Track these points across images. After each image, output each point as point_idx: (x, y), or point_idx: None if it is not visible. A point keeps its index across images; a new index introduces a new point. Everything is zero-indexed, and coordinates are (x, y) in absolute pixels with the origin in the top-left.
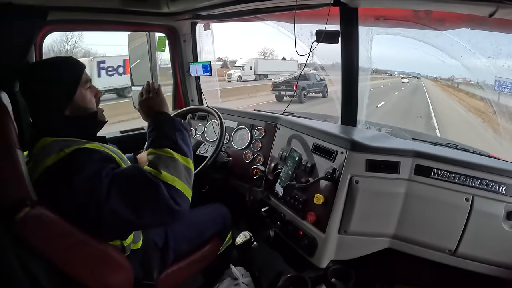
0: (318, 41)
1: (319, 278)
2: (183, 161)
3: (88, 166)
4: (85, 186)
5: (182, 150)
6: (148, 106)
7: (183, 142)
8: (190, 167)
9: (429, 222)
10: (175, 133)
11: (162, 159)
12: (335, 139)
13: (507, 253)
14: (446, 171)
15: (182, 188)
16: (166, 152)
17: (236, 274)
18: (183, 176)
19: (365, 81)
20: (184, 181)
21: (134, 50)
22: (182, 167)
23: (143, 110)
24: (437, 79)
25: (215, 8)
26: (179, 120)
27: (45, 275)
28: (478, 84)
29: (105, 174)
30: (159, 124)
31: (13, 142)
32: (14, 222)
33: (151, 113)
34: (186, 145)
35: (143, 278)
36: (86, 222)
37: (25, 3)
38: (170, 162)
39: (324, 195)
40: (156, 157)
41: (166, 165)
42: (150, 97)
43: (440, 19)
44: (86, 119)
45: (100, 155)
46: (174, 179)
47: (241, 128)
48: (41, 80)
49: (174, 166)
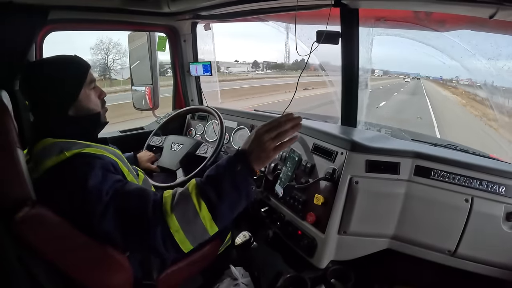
0: (318, 41)
1: (318, 279)
2: (206, 223)
3: (89, 175)
4: (83, 196)
5: (218, 214)
6: (253, 143)
7: (228, 207)
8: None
9: (429, 223)
10: (232, 195)
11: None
12: (335, 140)
13: (506, 254)
14: (446, 172)
15: (181, 241)
16: (199, 203)
17: (236, 274)
18: (192, 233)
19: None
20: (189, 237)
21: (134, 50)
22: (199, 226)
23: (248, 138)
24: (443, 82)
25: (215, 8)
26: (251, 184)
27: (45, 275)
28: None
29: (105, 191)
30: (229, 169)
31: (14, 141)
32: (14, 222)
33: (243, 149)
34: (229, 211)
35: (143, 278)
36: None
37: (26, 2)
38: (191, 214)
39: (324, 196)
40: (186, 199)
41: (184, 213)
42: (265, 141)
43: (441, 21)
44: (88, 120)
45: (101, 162)
46: (178, 230)
47: (241, 128)
48: (45, 79)
49: (191, 221)
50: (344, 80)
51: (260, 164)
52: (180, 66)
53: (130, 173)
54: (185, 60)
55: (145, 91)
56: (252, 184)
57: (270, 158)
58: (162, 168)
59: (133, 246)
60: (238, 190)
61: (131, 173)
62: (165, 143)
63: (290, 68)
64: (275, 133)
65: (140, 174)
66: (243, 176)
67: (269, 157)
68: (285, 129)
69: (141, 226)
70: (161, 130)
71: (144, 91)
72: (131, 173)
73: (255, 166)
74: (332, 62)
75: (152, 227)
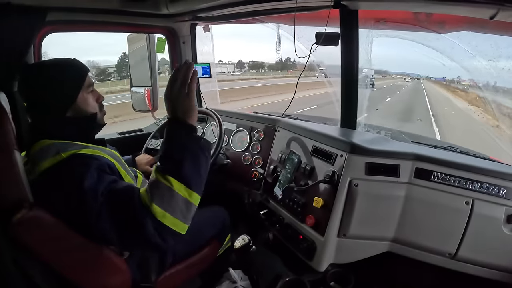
0: (318, 43)
1: (318, 282)
2: (184, 193)
3: (85, 175)
4: (79, 197)
5: (186, 179)
6: (173, 105)
7: (193, 168)
8: (192, 201)
9: (429, 225)
10: (187, 156)
11: (159, 189)
12: (335, 142)
13: (507, 256)
14: (446, 175)
15: (172, 224)
16: (167, 180)
17: (235, 277)
18: (178, 211)
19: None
20: (177, 216)
21: (133, 52)
22: (180, 200)
23: (168, 105)
24: (445, 83)
25: (214, 9)
26: (198, 138)
27: (42, 278)
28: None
29: (100, 192)
30: (173, 137)
31: (11, 143)
32: (11, 224)
33: (172, 116)
34: (195, 171)
35: (141, 281)
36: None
37: (24, 3)
38: (166, 193)
39: (323, 198)
40: (155, 184)
41: (161, 196)
42: (179, 93)
43: (441, 22)
44: (86, 121)
45: (97, 163)
46: (165, 215)
47: (240, 131)
48: (44, 81)
49: (170, 199)
50: (344, 82)
51: (191, 114)
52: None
53: (128, 174)
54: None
55: (144, 93)
56: (199, 137)
57: (192, 102)
58: None
59: (130, 244)
60: (189, 148)
61: (129, 174)
62: None
63: (274, 68)
64: (177, 84)
65: (139, 176)
66: (186, 134)
67: (191, 104)
68: (183, 76)
69: (133, 222)
70: (159, 133)
71: (144, 92)
72: (129, 174)
73: (188, 119)
74: (326, 62)
75: (142, 219)
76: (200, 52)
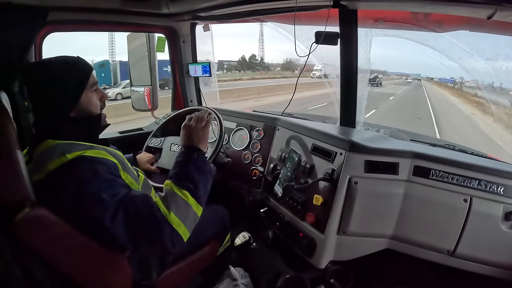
0: (317, 42)
1: (318, 279)
2: (195, 208)
3: (93, 181)
4: (89, 202)
5: (199, 197)
6: (188, 134)
7: (203, 188)
8: (199, 215)
9: (428, 223)
10: (200, 178)
11: (176, 200)
12: (334, 140)
13: (505, 253)
14: (445, 172)
15: (183, 233)
16: (184, 194)
17: (235, 275)
18: (189, 222)
19: (364, 82)
20: (187, 226)
21: (133, 51)
22: (192, 213)
23: (183, 134)
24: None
25: (214, 9)
26: (208, 164)
27: (44, 276)
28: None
29: (111, 195)
30: (189, 160)
31: (13, 142)
32: (13, 223)
33: (187, 143)
34: (205, 191)
35: (142, 279)
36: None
37: (25, 3)
38: (182, 206)
39: (323, 196)
40: (172, 195)
41: (178, 207)
42: (195, 127)
43: (439, 21)
44: (89, 121)
45: (104, 167)
46: (180, 224)
47: (240, 129)
48: (48, 80)
49: (185, 211)
50: (343, 81)
51: (204, 142)
52: (179, 67)
53: (130, 175)
54: (184, 61)
55: (144, 92)
56: (209, 162)
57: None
58: (162, 169)
59: (141, 247)
60: (203, 171)
61: (131, 175)
62: (164, 144)
63: (249, 68)
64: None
65: (140, 175)
66: (201, 159)
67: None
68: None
69: (152, 228)
70: (160, 132)
71: (143, 91)
72: (131, 175)
73: (201, 146)
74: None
75: (163, 227)
76: (200, 52)
